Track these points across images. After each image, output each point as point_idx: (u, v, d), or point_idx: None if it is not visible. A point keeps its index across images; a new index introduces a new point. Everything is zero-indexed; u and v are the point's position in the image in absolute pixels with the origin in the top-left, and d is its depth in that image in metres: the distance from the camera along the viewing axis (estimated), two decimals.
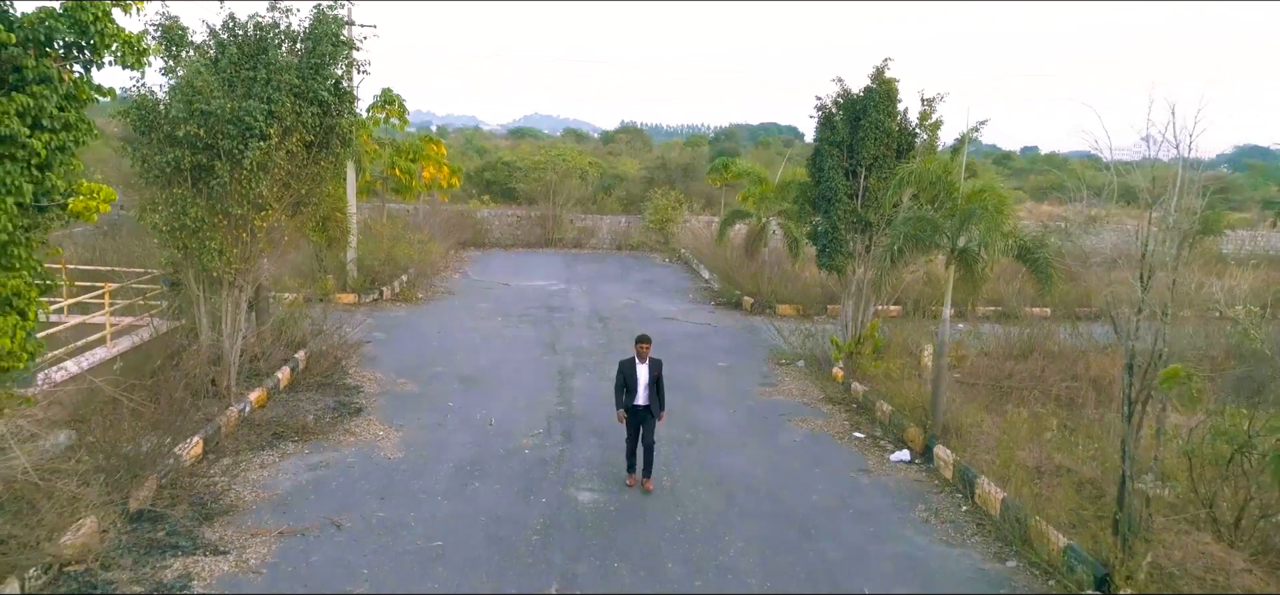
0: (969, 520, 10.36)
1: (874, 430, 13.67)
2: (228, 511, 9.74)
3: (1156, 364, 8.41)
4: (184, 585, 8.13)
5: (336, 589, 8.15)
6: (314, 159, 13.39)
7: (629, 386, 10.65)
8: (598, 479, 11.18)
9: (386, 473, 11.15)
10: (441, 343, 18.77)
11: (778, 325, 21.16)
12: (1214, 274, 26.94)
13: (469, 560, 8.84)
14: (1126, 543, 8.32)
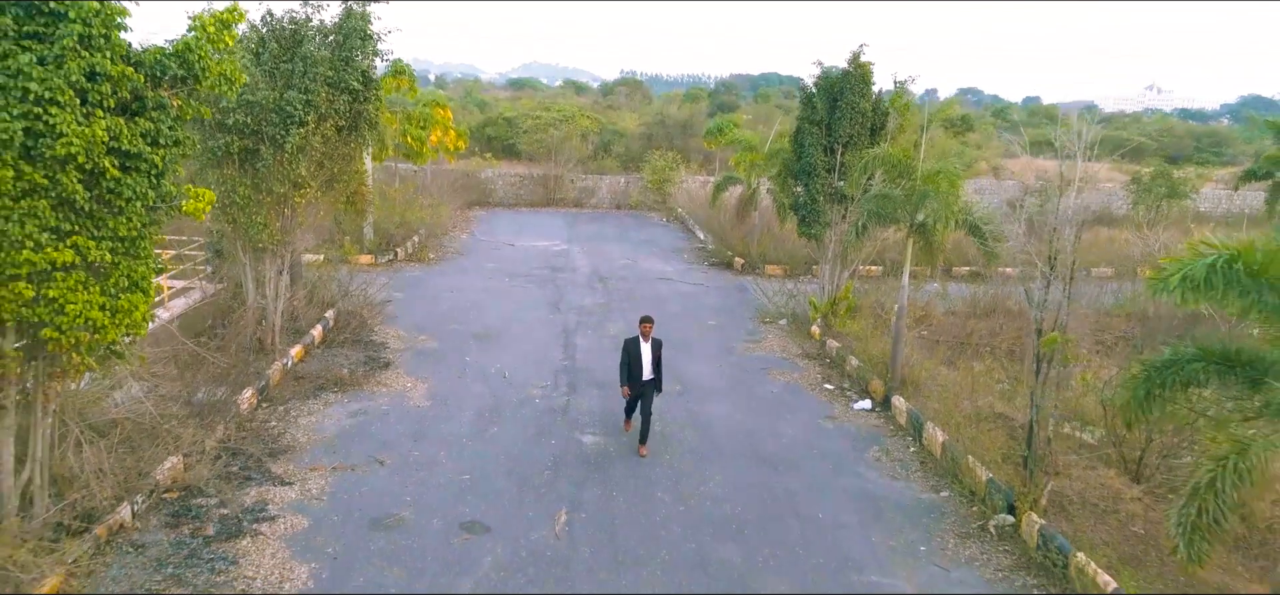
0: (914, 459, 12.23)
1: (842, 382, 15.51)
2: (287, 451, 11.58)
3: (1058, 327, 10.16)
4: (261, 508, 9.99)
5: (386, 512, 10.01)
6: (345, 141, 15.02)
7: (634, 363, 11.79)
8: (599, 424, 13.02)
9: (417, 418, 12.99)
10: (455, 302, 20.53)
11: (764, 285, 22.90)
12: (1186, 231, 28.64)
13: (493, 490, 10.70)
14: (1032, 475, 10.17)
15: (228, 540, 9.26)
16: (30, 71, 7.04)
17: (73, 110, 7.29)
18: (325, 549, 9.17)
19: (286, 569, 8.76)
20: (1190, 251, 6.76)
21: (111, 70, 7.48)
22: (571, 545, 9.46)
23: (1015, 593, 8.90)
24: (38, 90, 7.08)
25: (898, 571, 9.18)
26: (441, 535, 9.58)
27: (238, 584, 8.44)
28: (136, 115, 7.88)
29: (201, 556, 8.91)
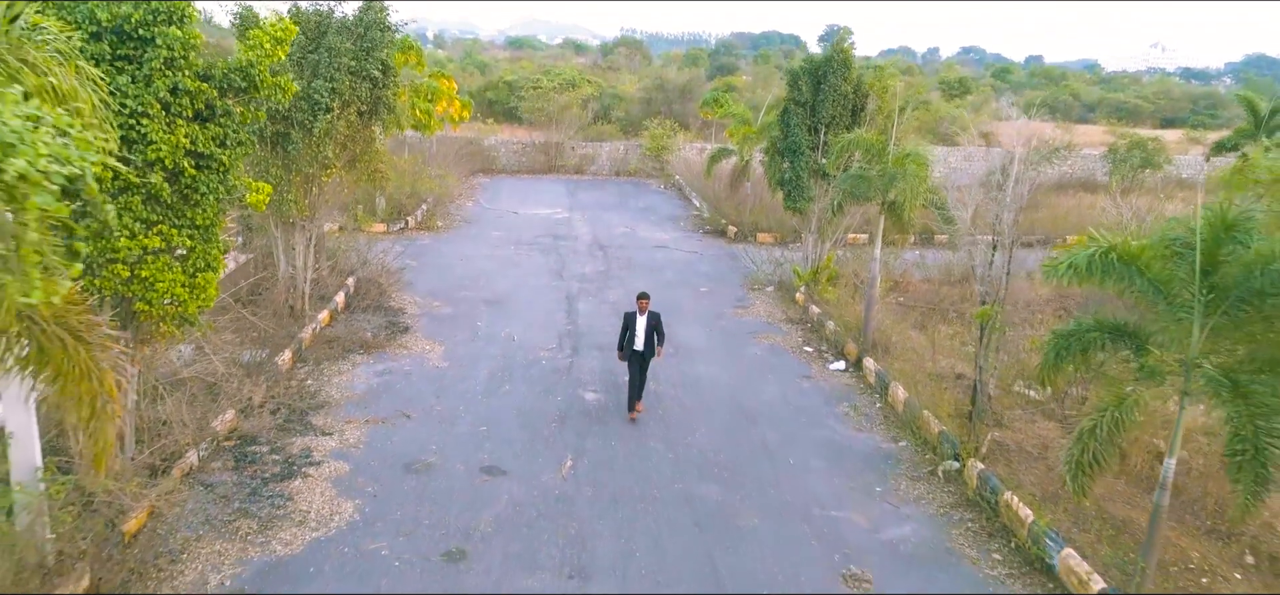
0: (879, 414, 13.85)
1: (821, 345, 17.10)
2: (324, 406, 13.19)
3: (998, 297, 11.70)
4: (307, 455, 11.63)
5: (416, 458, 11.64)
6: (366, 125, 16.45)
7: (631, 333, 13.07)
8: (599, 383, 14.63)
9: (437, 378, 14.59)
10: (465, 269, 22.06)
11: (755, 253, 24.41)
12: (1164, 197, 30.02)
13: (507, 439, 12.33)
14: (976, 427, 11.79)
15: (282, 481, 10.89)
16: (126, 89, 8.52)
17: (159, 120, 8.78)
18: (366, 489, 10.81)
19: (334, 505, 10.40)
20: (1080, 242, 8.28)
21: (189, 86, 8.95)
22: (576, 486, 11.10)
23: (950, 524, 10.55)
24: (132, 104, 8.57)
25: (853, 507, 10.83)
26: (464, 477, 11.22)
27: (295, 517, 10.09)
28: (208, 122, 9.36)
29: (262, 494, 10.55)
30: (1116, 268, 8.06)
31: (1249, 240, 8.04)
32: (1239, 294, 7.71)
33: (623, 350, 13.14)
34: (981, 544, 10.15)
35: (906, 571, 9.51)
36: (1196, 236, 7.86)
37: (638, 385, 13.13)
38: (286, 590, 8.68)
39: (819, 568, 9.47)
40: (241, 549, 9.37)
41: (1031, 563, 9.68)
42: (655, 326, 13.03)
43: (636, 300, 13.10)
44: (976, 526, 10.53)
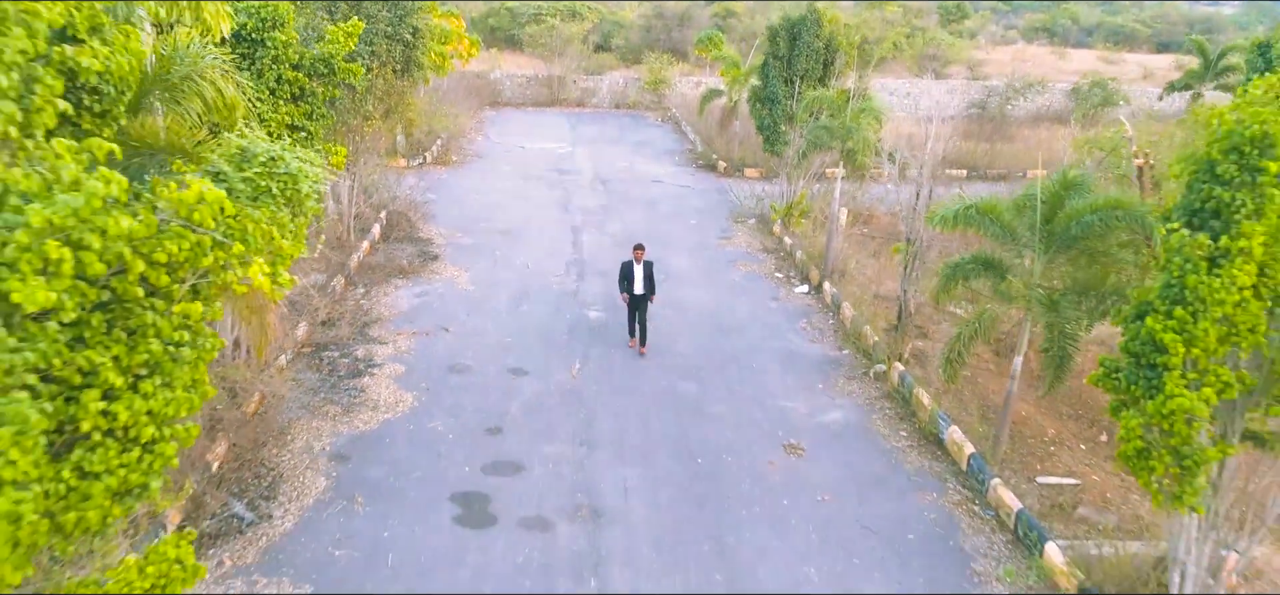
0: (831, 329, 17.05)
1: (790, 272, 20.24)
2: (376, 322, 16.38)
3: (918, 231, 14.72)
4: (370, 359, 14.84)
5: (456, 362, 14.86)
6: (400, 81, 19.29)
7: (629, 279, 15.50)
8: (601, 304, 17.78)
9: (466, 299, 17.76)
10: (480, 203, 25.04)
11: (742, 187, 27.32)
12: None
13: (526, 348, 15.53)
14: (901, 337, 14.99)
15: (353, 378, 14.14)
16: (249, 82, 11.48)
17: (268, 103, 11.75)
18: (419, 384, 14.06)
19: (397, 395, 13.67)
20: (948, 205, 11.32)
21: (288, 75, 11.90)
22: (583, 383, 14.35)
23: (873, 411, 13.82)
24: (251, 94, 11.53)
25: (798, 399, 14.10)
26: (495, 376, 14.46)
27: (368, 404, 13.35)
28: (299, 101, 12.32)
29: (340, 388, 13.80)
30: (977, 218, 11.14)
31: (1085, 195, 11.08)
32: (1063, 239, 10.79)
33: (623, 293, 15.44)
34: (894, 425, 13.44)
35: (831, 443, 12.81)
36: (1037, 197, 10.91)
37: (637, 325, 15.43)
38: (372, 454, 11.98)
39: (766, 440, 12.77)
40: (333, 425, 12.65)
41: (928, 438, 12.96)
42: (649, 275, 15.26)
43: (633, 251, 15.54)
44: (892, 413, 13.80)
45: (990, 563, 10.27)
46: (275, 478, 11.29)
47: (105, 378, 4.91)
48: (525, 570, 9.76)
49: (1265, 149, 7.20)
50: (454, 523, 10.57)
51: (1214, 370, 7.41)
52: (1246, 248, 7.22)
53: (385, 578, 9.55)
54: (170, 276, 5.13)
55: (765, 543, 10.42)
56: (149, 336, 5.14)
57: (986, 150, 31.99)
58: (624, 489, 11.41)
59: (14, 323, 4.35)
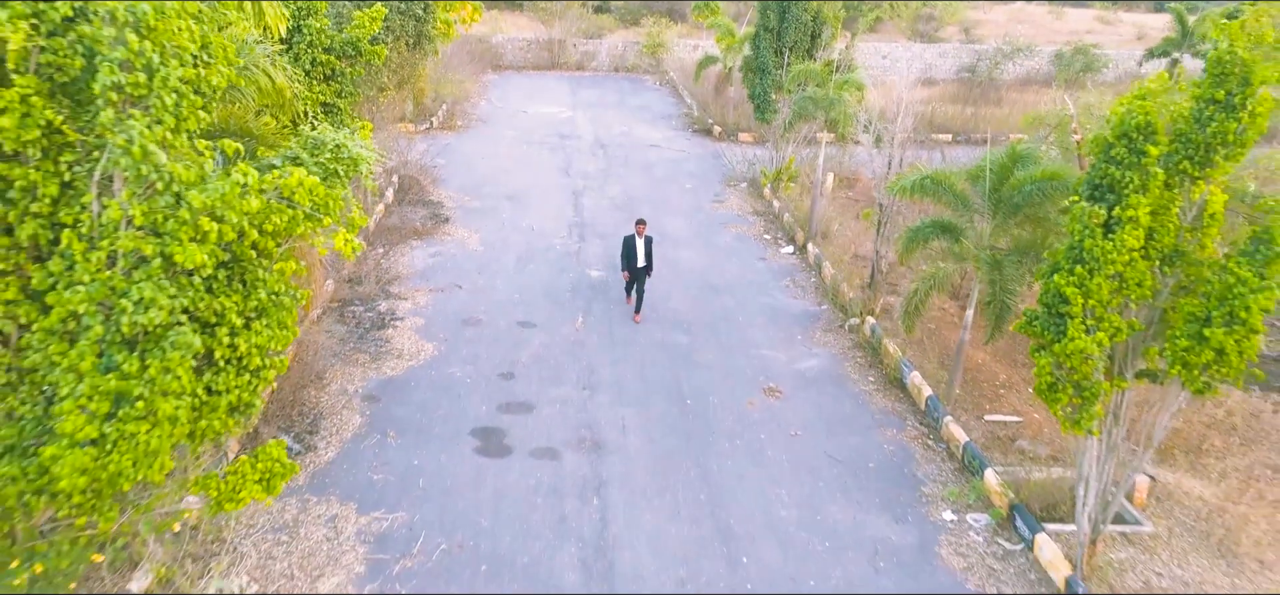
0: (812, 286, 18.71)
1: (777, 233, 21.85)
2: (395, 280, 18.02)
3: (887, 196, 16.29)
4: (392, 313, 16.51)
5: (470, 316, 16.52)
6: (412, 53, 20.76)
7: (631, 254, 16.73)
8: (601, 264, 19.41)
9: (477, 259, 19.38)
10: (486, 167, 26.55)
11: (736, 151, 28.80)
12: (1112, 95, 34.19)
13: (532, 303, 17.19)
14: (873, 293, 16.64)
15: (378, 330, 15.81)
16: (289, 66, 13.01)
17: (304, 84, 13.29)
18: (438, 335, 15.73)
19: (419, 345, 15.35)
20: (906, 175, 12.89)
21: (322, 58, 13.43)
22: (585, 335, 16.03)
23: (846, 360, 15.52)
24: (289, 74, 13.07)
25: (779, 348, 15.79)
26: (506, 328, 16.14)
27: (394, 353, 15.03)
28: (331, 81, 13.86)
29: (367, 338, 15.48)
30: (932, 188, 12.74)
31: (1029, 167, 12.67)
32: (1010, 205, 12.40)
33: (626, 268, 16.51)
34: (864, 372, 15.15)
35: (807, 387, 14.52)
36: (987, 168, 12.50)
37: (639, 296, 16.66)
38: (400, 395, 13.68)
39: (748, 384, 14.48)
40: (363, 371, 14.35)
41: (893, 382, 14.67)
42: (650, 250, 16.42)
43: (635, 225, 16.69)
44: (863, 361, 15.51)
45: (937, 486, 12.02)
46: (316, 416, 13.01)
47: (229, 318, 6.56)
48: (537, 491, 11.51)
49: (1148, 136, 8.78)
50: (475, 452, 12.31)
51: (1108, 318, 9.06)
52: (1134, 217, 8.83)
53: (418, 497, 11.29)
54: (273, 242, 6.74)
55: (743, 470, 12.16)
56: (258, 288, 6.78)
57: (972, 114, 33.41)
58: (622, 425, 13.13)
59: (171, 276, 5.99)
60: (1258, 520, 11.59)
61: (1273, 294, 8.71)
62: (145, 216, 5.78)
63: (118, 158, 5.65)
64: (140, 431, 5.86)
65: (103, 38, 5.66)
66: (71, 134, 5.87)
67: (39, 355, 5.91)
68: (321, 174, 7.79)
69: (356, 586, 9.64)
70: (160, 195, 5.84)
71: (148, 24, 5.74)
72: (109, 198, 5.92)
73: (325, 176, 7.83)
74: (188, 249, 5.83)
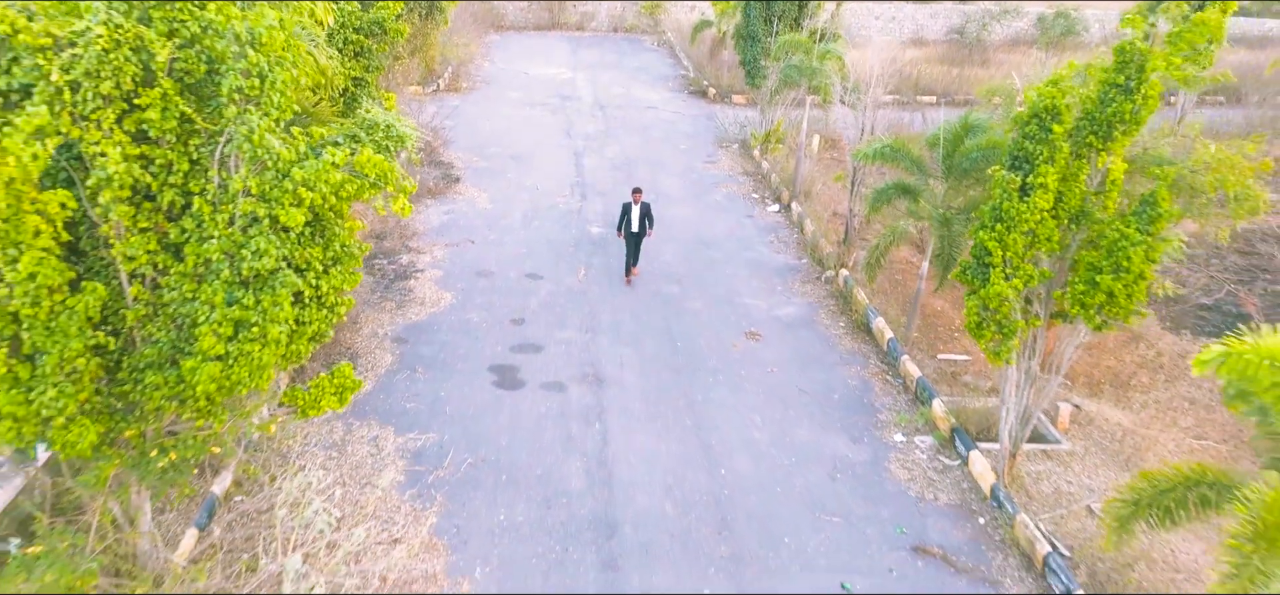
0: (794, 242, 20.66)
1: (764, 193, 23.74)
2: (414, 236, 19.96)
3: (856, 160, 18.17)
4: (412, 266, 18.48)
5: (482, 269, 18.48)
6: (425, 22, 22.49)
7: (627, 219, 18.24)
8: (601, 221, 21.33)
9: (486, 216, 21.30)
10: (491, 128, 28.33)
11: (729, 113, 30.55)
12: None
13: (538, 257, 19.16)
14: (847, 247, 18.61)
15: (401, 281, 17.79)
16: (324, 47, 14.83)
17: (338, 62, 15.12)
18: (455, 285, 17.72)
19: (439, 294, 17.34)
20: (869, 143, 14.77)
21: (353, 38, 15.25)
22: (587, 285, 18.01)
23: (820, 307, 17.52)
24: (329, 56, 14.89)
25: (761, 297, 17.79)
26: (515, 280, 18.11)
27: (417, 301, 17.02)
28: (359, 57, 15.69)
29: (392, 288, 17.47)
30: (891, 155, 14.66)
31: (978, 136, 14.55)
32: (960, 170, 14.32)
33: (621, 230, 18.22)
34: (835, 318, 17.17)
35: (784, 331, 16.54)
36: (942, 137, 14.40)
37: (632, 256, 18.32)
38: (424, 337, 15.70)
39: (731, 328, 16.50)
40: (391, 317, 16.36)
41: (860, 327, 16.70)
42: (645, 214, 18.01)
43: (631, 194, 18.16)
44: (836, 309, 17.52)
45: (891, 414, 14.09)
46: (353, 354, 15.04)
47: (314, 265, 8.53)
48: (547, 416, 13.57)
49: (1054, 117, 10.67)
50: (492, 385, 14.36)
51: (1023, 267, 11.02)
52: (1044, 183, 10.76)
53: (446, 421, 13.35)
54: (345, 205, 8.69)
55: (724, 400, 14.22)
56: (334, 241, 8.73)
57: (958, 75, 35.07)
58: (620, 363, 15.17)
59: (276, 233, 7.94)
60: (1166, 441, 13.69)
61: (1157, 247, 10.71)
62: (258, 187, 7.68)
63: (240, 143, 7.53)
64: (254, 350, 7.82)
65: (227, 51, 7.51)
66: (200, 122, 7.74)
67: (174, 293, 7.84)
68: (375, 149, 9.65)
69: (399, 492, 11.73)
70: (268, 171, 7.74)
71: (261, 41, 7.59)
72: (227, 173, 7.83)
73: (378, 151, 9.69)
74: (289, 212, 7.75)
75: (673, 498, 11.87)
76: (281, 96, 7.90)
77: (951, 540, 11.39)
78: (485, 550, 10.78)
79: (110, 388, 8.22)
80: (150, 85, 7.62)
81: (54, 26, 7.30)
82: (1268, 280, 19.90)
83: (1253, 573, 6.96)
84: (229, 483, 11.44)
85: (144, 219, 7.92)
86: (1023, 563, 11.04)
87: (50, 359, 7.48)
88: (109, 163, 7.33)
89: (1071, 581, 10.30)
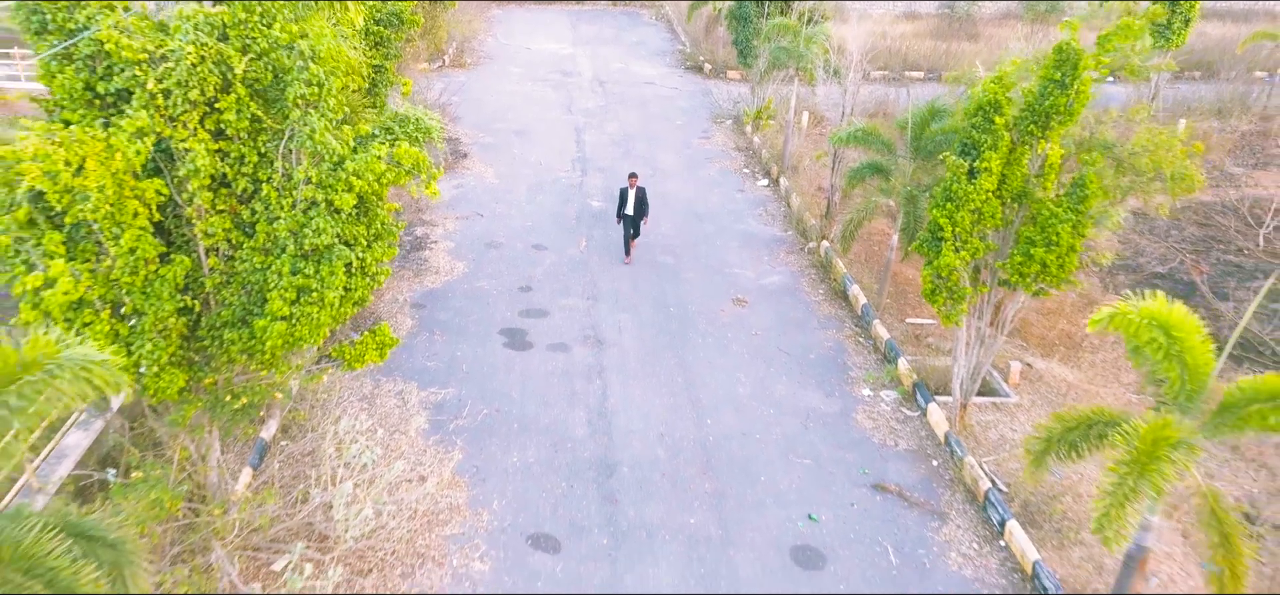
0: (781, 216, 22.33)
1: (755, 167, 25.36)
2: (427, 209, 21.61)
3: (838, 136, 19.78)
4: (427, 237, 20.15)
5: (491, 240, 20.16)
6: (433, 4, 23.97)
7: (624, 203, 19.76)
8: (601, 195, 22.98)
9: (493, 190, 22.95)
10: (496, 104, 29.87)
11: (724, 88, 32.06)
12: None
13: (543, 229, 20.83)
14: (827, 222, 20.27)
15: (417, 251, 19.48)
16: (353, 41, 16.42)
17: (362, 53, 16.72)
18: (466, 255, 19.41)
19: (451, 263, 19.04)
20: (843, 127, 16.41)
21: (374, 29, 16.83)
22: (588, 255, 19.70)
23: (803, 276, 19.23)
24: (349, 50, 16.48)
25: (747, 266, 19.49)
26: (522, 250, 19.80)
27: (432, 270, 18.71)
28: (378, 46, 17.28)
29: (409, 259, 19.15)
30: (863, 138, 16.29)
31: (942, 120, 16.17)
32: (925, 151, 15.96)
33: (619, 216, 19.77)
34: (816, 286, 18.88)
35: (769, 297, 18.27)
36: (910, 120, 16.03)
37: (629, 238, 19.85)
38: (440, 304, 17.41)
39: (721, 295, 18.21)
40: (410, 284, 18.07)
41: (838, 294, 18.42)
42: (641, 199, 19.43)
43: (628, 178, 19.65)
44: (817, 278, 19.23)
45: (861, 371, 15.85)
46: (376, 318, 16.76)
47: (360, 241, 10.23)
48: (553, 373, 15.32)
49: (997, 110, 12.31)
50: (504, 346, 16.10)
51: (970, 241, 12.71)
52: (988, 167, 12.41)
53: (463, 377, 15.10)
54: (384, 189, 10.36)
55: (712, 359, 15.97)
56: (376, 220, 10.42)
57: (946, 51, 36.52)
58: (618, 327, 16.90)
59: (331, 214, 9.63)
60: (1106, 395, 15.45)
61: (1085, 224, 12.40)
62: (317, 177, 9.34)
63: (303, 140, 9.17)
64: (313, 311, 9.51)
65: (291, 64, 9.13)
66: (268, 122, 9.37)
67: (245, 264, 9.52)
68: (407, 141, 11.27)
69: (425, 438, 13.50)
70: (325, 163, 9.38)
71: (319, 56, 9.22)
72: (289, 164, 9.48)
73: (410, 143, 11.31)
74: (342, 197, 9.41)
75: (664, 443, 13.64)
76: (335, 101, 9.56)
77: (907, 479, 13.18)
78: (501, 486, 12.57)
79: (190, 343, 9.95)
80: (227, 91, 9.27)
81: (149, 43, 8.95)
82: (1221, 250, 21.60)
83: (1126, 490, 8.73)
84: (276, 429, 13.21)
85: (221, 202, 9.60)
86: (967, 497, 12.84)
87: (147, 319, 9.20)
88: (197, 157, 9.00)
89: (1006, 511, 12.10)
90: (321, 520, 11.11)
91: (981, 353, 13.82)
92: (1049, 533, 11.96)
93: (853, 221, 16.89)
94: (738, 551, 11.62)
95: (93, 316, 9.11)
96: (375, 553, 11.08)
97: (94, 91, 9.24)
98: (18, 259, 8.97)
